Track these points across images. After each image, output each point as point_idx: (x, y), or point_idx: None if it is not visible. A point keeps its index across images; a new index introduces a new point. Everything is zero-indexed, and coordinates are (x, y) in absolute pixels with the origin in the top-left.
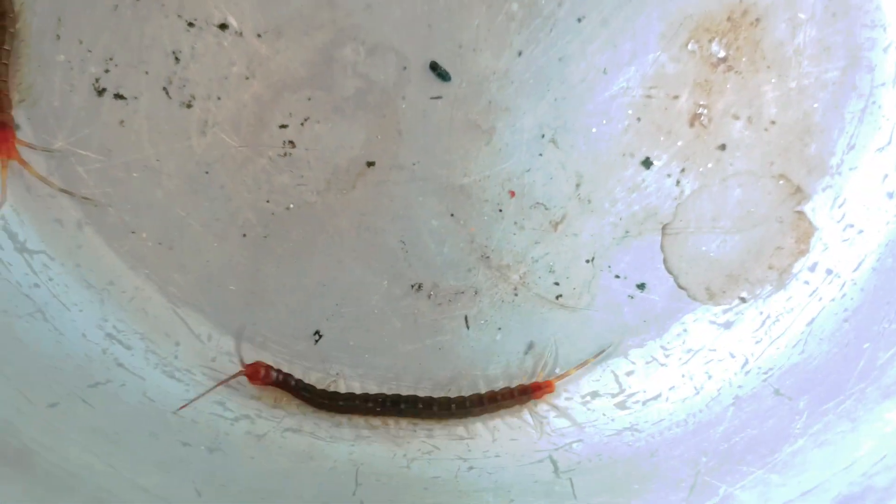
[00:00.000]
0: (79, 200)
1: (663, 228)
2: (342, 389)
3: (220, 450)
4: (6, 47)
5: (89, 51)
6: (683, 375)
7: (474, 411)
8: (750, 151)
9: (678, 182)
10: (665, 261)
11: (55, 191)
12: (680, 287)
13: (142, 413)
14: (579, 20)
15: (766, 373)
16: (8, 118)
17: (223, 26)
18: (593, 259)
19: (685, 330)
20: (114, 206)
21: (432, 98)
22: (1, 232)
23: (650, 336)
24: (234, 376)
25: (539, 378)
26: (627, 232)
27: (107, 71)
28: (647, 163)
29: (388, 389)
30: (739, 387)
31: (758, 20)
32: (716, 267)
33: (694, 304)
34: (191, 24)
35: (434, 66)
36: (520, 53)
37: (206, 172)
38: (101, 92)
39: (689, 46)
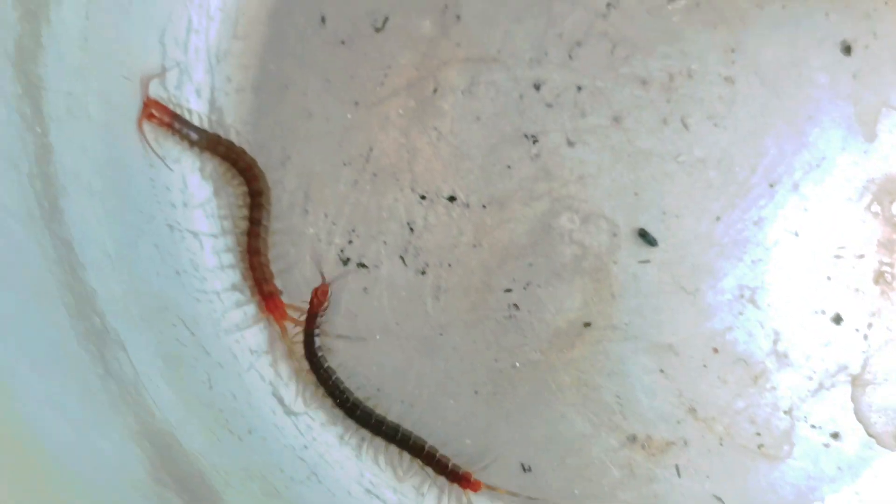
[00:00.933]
0: (332, 365)
1: (853, 380)
2: None
3: None
4: (264, 223)
5: (334, 223)
6: None
7: (411, 447)
8: None
9: (866, 336)
10: (856, 411)
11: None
12: (870, 435)
13: None
14: (771, 185)
15: None
16: (274, 288)
17: (452, 198)
18: (791, 410)
19: (877, 476)
20: (360, 367)
21: (641, 262)
22: (272, 397)
23: (845, 482)
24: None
25: (473, 472)
26: (821, 384)
27: (350, 242)
28: (837, 319)
29: None
30: None
31: None
32: None
33: (884, 451)
34: (423, 197)
35: (643, 233)
36: (718, 218)
37: (441, 334)
38: (345, 261)
39: (873, 208)
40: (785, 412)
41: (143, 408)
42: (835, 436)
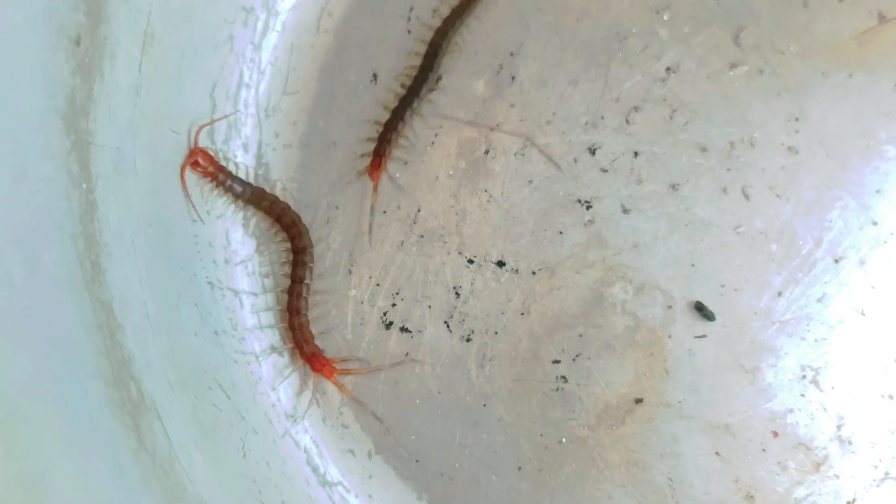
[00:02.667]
0: (369, 433)
1: None
2: None
3: None
4: (306, 282)
5: (378, 285)
6: None
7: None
8: None
9: None
10: None
11: (348, 421)
12: None
13: None
14: (836, 261)
15: None
16: (316, 348)
17: (500, 263)
18: (854, 501)
19: None
20: (400, 435)
21: (697, 337)
22: (306, 466)
23: None
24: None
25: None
26: (887, 473)
27: (393, 305)
28: None
29: None
30: None
31: None
32: None
33: None
34: (470, 261)
35: (699, 307)
36: (780, 293)
37: (484, 405)
38: (388, 325)
39: None
40: (849, 502)
41: (175, 482)
42: None
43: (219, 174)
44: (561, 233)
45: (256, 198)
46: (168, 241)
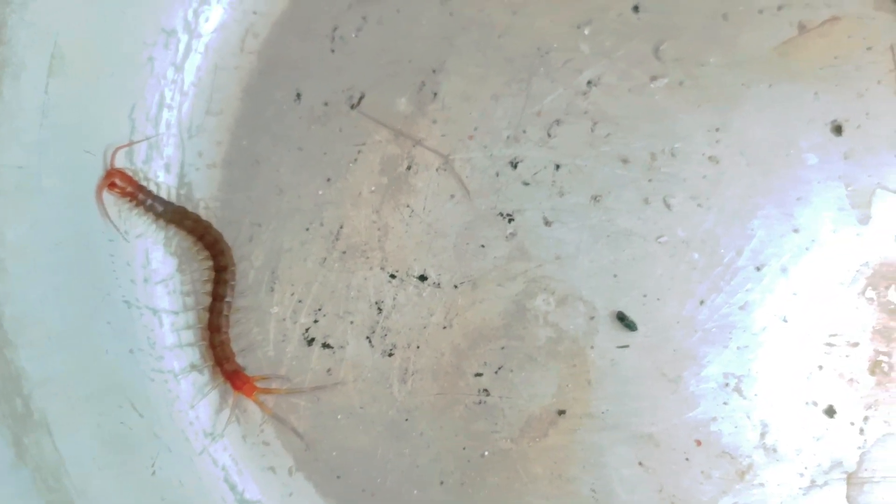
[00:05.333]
0: (290, 449)
1: (848, 478)
2: None
3: None
4: (227, 300)
5: (300, 301)
6: None
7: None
8: None
9: (861, 430)
10: None
11: (269, 438)
12: None
13: None
14: (759, 269)
15: None
16: (237, 365)
17: (423, 278)
18: None
19: None
20: (321, 451)
21: (620, 347)
22: (223, 483)
23: None
24: None
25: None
26: (813, 481)
27: (316, 321)
28: (830, 411)
29: None
30: None
31: None
32: None
33: None
34: (392, 276)
35: (621, 317)
36: (702, 302)
37: (406, 419)
38: (310, 342)
39: (867, 293)
40: None
41: (60, 496)
42: None
43: (138, 194)
44: (483, 246)
45: (178, 216)
46: (80, 260)
